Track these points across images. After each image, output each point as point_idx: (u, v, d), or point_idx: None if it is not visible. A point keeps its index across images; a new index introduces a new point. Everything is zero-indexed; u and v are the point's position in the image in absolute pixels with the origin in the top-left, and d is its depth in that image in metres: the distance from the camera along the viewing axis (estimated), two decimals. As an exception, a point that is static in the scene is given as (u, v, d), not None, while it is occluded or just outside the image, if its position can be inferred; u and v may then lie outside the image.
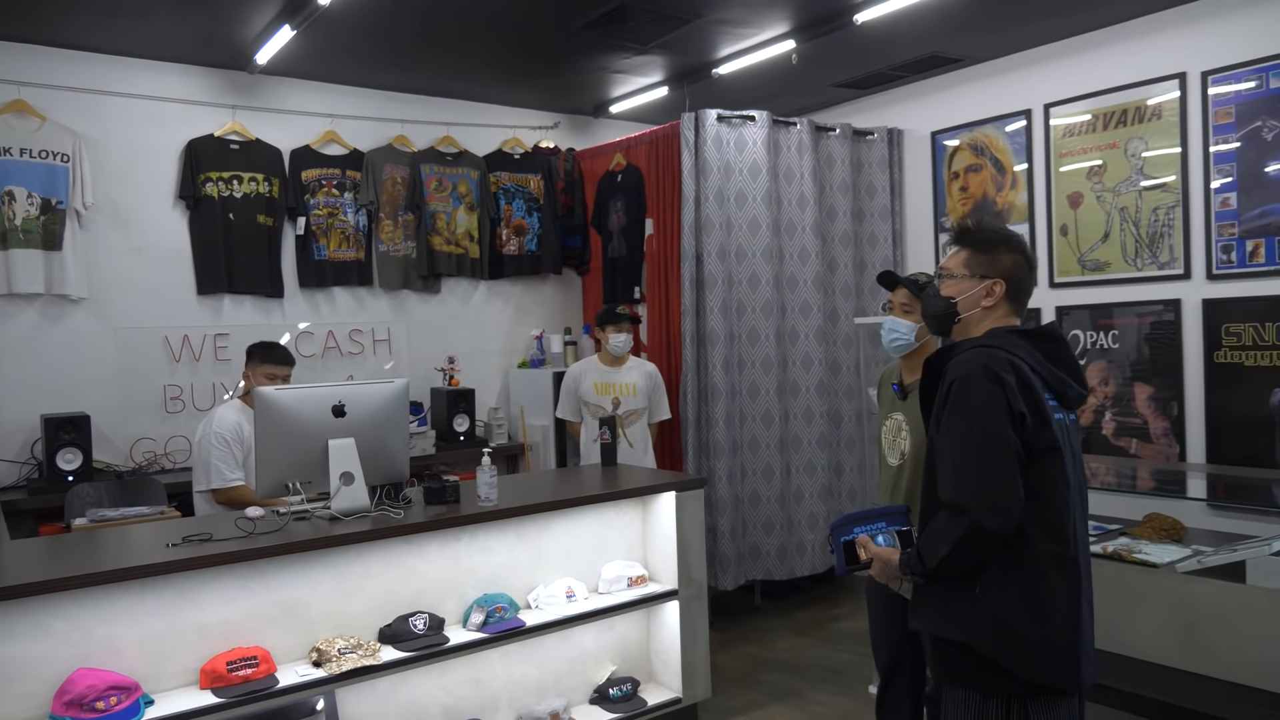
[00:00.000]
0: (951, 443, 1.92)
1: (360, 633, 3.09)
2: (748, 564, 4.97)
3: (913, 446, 2.91)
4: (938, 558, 1.91)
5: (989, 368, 1.90)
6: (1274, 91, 4.08)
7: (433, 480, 3.39)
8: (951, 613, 1.95)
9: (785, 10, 4.25)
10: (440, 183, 5.47)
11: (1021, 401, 1.89)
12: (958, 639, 1.94)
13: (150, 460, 4.56)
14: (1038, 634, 1.89)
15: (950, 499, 1.90)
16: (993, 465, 1.86)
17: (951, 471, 1.91)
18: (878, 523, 2.20)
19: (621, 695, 3.62)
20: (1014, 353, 1.95)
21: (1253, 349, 4.13)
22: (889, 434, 3.04)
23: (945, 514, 1.91)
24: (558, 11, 4.17)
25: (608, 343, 4.57)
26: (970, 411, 1.89)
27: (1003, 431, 1.86)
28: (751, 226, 4.96)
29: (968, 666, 1.95)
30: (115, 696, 2.59)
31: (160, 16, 4.09)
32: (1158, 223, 4.49)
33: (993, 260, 2.08)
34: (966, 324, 2.11)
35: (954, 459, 1.91)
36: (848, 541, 2.23)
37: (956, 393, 1.93)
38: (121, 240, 4.58)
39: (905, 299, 2.96)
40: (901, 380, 3.02)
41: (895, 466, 2.99)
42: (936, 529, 1.93)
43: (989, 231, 2.15)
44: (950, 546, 1.88)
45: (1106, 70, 4.65)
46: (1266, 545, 3.06)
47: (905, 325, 2.93)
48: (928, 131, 5.55)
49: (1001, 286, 2.07)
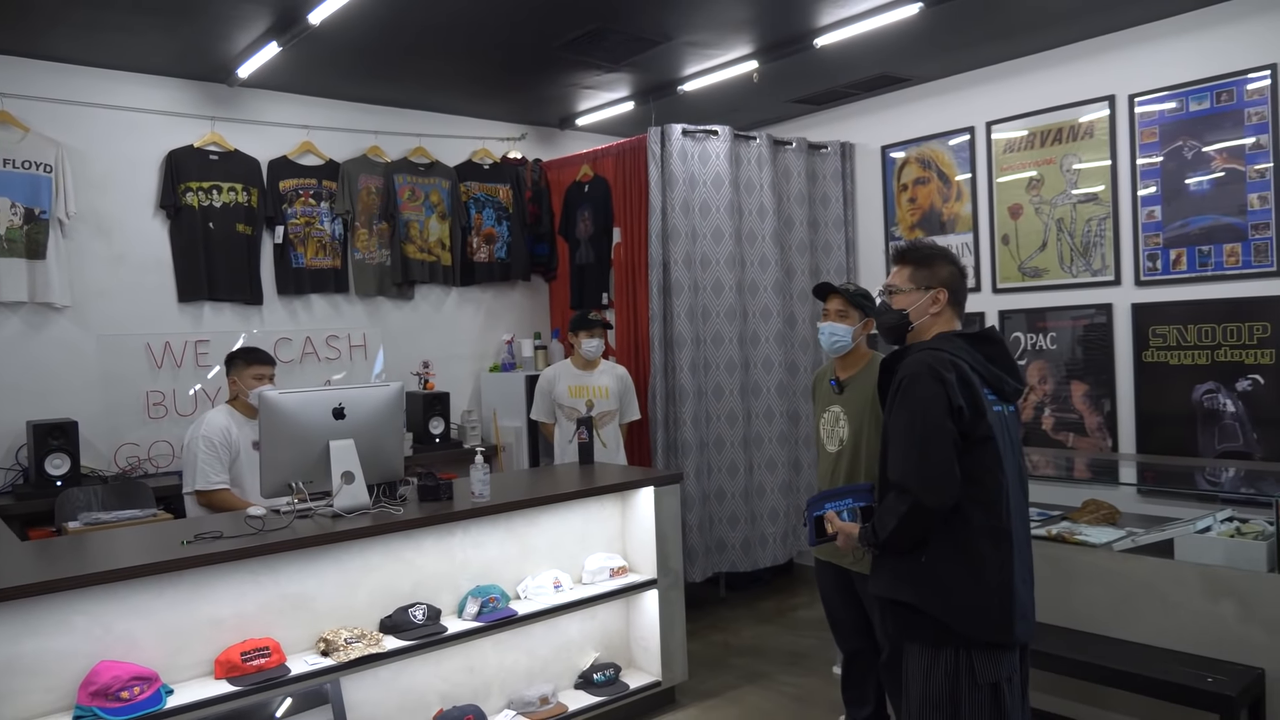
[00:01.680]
0: (897, 432, 2.25)
1: (363, 624, 3.25)
2: (714, 557, 5.22)
3: (850, 434, 3.22)
4: (888, 530, 2.25)
5: (932, 367, 2.21)
6: (1193, 114, 4.46)
7: (428, 479, 3.56)
8: (901, 577, 2.29)
9: (751, 34, 4.51)
10: (413, 192, 5.62)
11: (960, 396, 2.19)
12: (907, 600, 2.27)
13: (134, 465, 4.63)
14: (973, 595, 2.21)
15: (897, 480, 2.23)
16: (932, 451, 2.17)
17: (898, 457, 2.24)
18: (845, 499, 2.50)
19: (605, 680, 3.83)
20: (956, 355, 2.25)
21: (1177, 349, 4.51)
22: (828, 424, 3.33)
23: (893, 493, 2.25)
24: (537, 32, 4.37)
25: (581, 347, 4.77)
26: (914, 405, 2.21)
27: (942, 422, 2.17)
28: (715, 235, 5.22)
29: (919, 624, 2.27)
30: (138, 687, 2.72)
31: (144, 31, 4.18)
32: (1090, 233, 4.85)
33: (933, 272, 2.41)
34: (919, 331, 2.41)
35: (900, 446, 2.24)
36: (818, 516, 2.53)
37: (904, 389, 2.24)
38: (104, 249, 4.65)
39: (840, 305, 3.25)
40: (838, 376, 3.32)
41: (834, 453, 3.28)
42: (886, 506, 2.27)
43: (925, 248, 2.47)
44: (897, 521, 2.22)
45: (1043, 91, 5.01)
46: (1192, 525, 3.40)
47: (843, 329, 3.22)
48: (878, 146, 5.87)
49: (945, 294, 2.38)
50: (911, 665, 2.31)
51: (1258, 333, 4.24)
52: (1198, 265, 4.46)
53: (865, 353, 3.32)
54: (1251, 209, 4.28)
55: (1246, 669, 2.95)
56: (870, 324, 3.25)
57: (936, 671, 2.24)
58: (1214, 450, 4.38)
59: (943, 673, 2.23)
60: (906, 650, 2.34)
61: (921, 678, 2.27)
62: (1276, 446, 4.19)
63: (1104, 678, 3.09)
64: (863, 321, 3.24)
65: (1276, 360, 4.19)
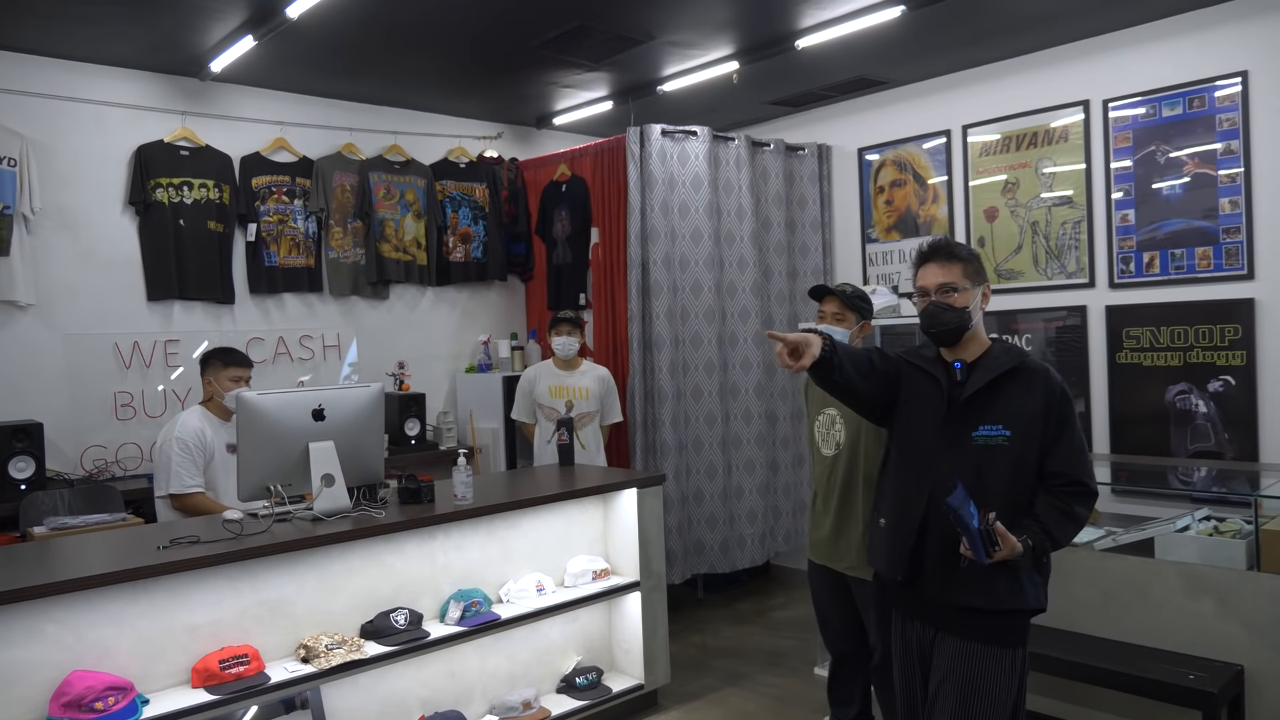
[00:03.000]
0: (1079, 436, 2.31)
1: (343, 629, 3.19)
2: (693, 558, 5.20)
3: (848, 439, 3.16)
4: (1070, 537, 2.29)
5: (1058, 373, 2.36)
6: (1165, 119, 4.53)
7: (409, 481, 3.51)
8: (1038, 585, 2.32)
9: (733, 34, 4.51)
10: (388, 190, 5.55)
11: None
12: (1033, 606, 2.30)
13: (102, 468, 4.52)
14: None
15: (1093, 487, 2.28)
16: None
17: (1086, 460, 2.30)
18: (970, 504, 2.14)
19: (587, 684, 3.80)
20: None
21: (1150, 350, 4.58)
22: (823, 428, 3.27)
23: (1075, 498, 2.26)
24: (518, 29, 4.33)
25: (553, 346, 4.77)
26: (1073, 412, 2.32)
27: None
28: (694, 236, 5.20)
29: (1014, 627, 2.30)
30: (113, 697, 2.65)
31: (114, 22, 4.08)
32: (1065, 236, 4.91)
33: (979, 269, 2.39)
34: (974, 330, 2.38)
35: (1078, 450, 2.29)
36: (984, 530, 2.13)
37: (1065, 400, 2.30)
38: (70, 246, 4.53)
39: (836, 308, 3.19)
40: None
41: (830, 457, 3.23)
42: (1068, 513, 2.25)
43: (964, 247, 2.43)
44: (1079, 527, 2.28)
45: (1018, 95, 5.06)
46: (1171, 524, 3.45)
47: (840, 332, 3.15)
48: (855, 148, 5.90)
49: (989, 289, 2.42)
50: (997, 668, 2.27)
51: (1229, 335, 4.31)
52: (1170, 268, 4.53)
53: None
54: (1223, 213, 4.35)
55: (1226, 666, 3.00)
56: (867, 327, 3.22)
57: (1018, 664, 2.29)
58: (1186, 450, 4.44)
59: (1020, 663, 2.29)
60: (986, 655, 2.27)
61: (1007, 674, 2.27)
62: (1247, 446, 4.26)
63: (1087, 676, 3.12)
64: (860, 324, 3.20)
65: (1247, 362, 4.26)
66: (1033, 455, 2.27)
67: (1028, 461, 2.27)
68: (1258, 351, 4.25)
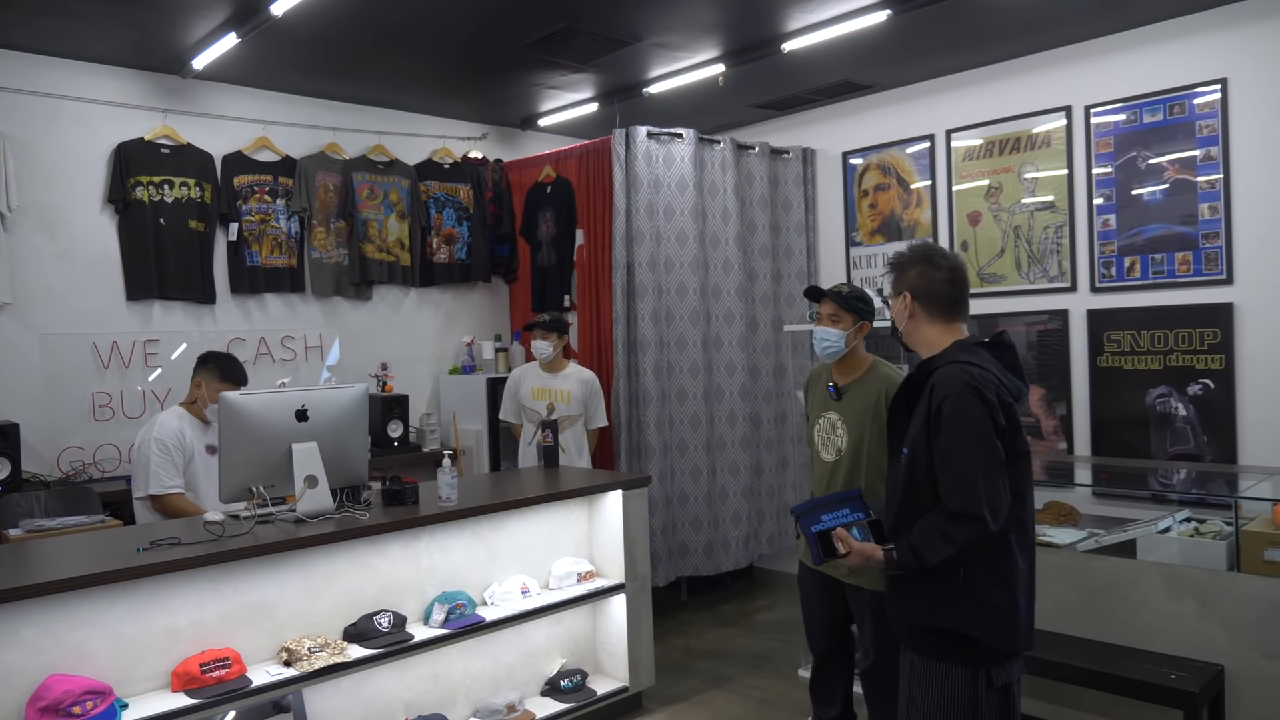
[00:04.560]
0: (953, 457, 2.11)
1: (326, 632, 3.17)
2: (677, 561, 5.20)
3: (850, 443, 3.13)
4: (941, 556, 2.11)
5: (974, 386, 2.11)
6: (1146, 125, 4.58)
7: (393, 482, 3.49)
8: (940, 603, 2.17)
9: (719, 37, 4.52)
10: (372, 191, 5.51)
11: (1002, 415, 2.12)
12: (948, 627, 2.16)
13: (79, 469, 4.45)
14: (1010, 610, 2.16)
15: (960, 509, 2.08)
16: (992, 476, 2.08)
17: (958, 483, 2.09)
18: (840, 510, 2.36)
19: (572, 686, 3.79)
20: (986, 367, 2.18)
21: (1131, 354, 4.62)
22: (823, 431, 3.24)
23: (947, 519, 2.10)
24: (506, 29, 4.31)
25: (534, 349, 4.76)
26: (968, 428, 2.09)
27: (994, 445, 2.10)
28: (679, 238, 5.20)
29: (947, 646, 2.18)
30: (91, 701, 2.61)
31: (94, 18, 4.03)
32: (1047, 240, 4.95)
33: (901, 277, 2.35)
34: (909, 337, 2.35)
35: (958, 471, 2.09)
36: (822, 532, 2.35)
37: (951, 411, 2.11)
38: (47, 244, 4.47)
39: (832, 309, 3.15)
40: (835, 382, 3.22)
41: (831, 461, 3.20)
42: (937, 532, 2.11)
43: (903, 253, 2.38)
44: (956, 548, 2.09)
45: (1001, 101, 5.10)
46: (1153, 525, 3.47)
47: (834, 333, 3.13)
48: (839, 152, 5.92)
49: (909, 298, 2.31)
50: (927, 679, 2.23)
51: (1208, 339, 4.36)
52: (1151, 273, 4.57)
53: (864, 358, 3.22)
54: (1202, 218, 4.40)
55: (1207, 665, 3.03)
56: (866, 328, 3.19)
57: (956, 683, 2.18)
58: (1166, 453, 4.48)
59: (963, 683, 2.18)
60: (917, 668, 2.25)
61: (940, 689, 2.20)
62: (1226, 449, 4.31)
63: (1069, 676, 3.14)
64: (857, 325, 3.15)
65: (1226, 365, 4.31)
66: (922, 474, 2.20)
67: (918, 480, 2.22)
68: (1236, 355, 4.29)
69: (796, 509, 2.41)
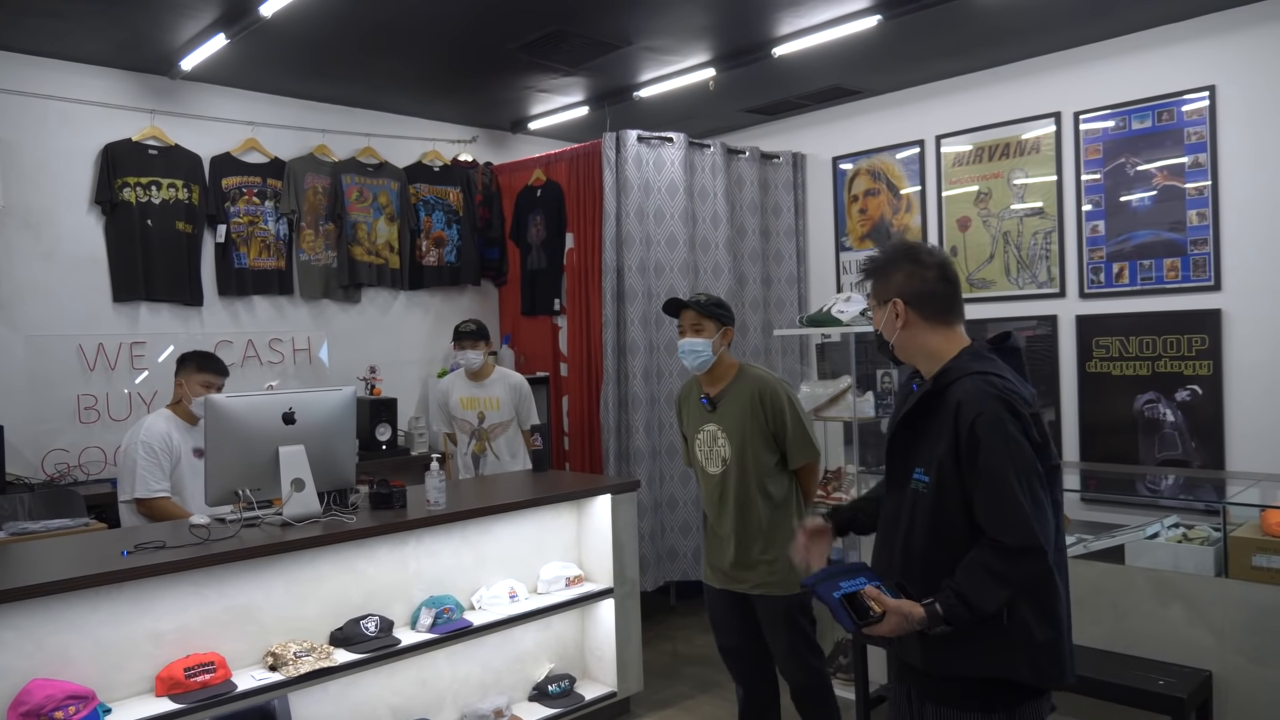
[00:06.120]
0: (999, 484, 1.84)
1: (312, 636, 3.14)
2: (666, 565, 5.18)
3: (734, 452, 3.08)
4: (998, 602, 1.83)
5: (1006, 400, 1.87)
6: (1134, 132, 4.60)
7: (381, 486, 3.47)
8: (987, 650, 1.89)
9: (710, 41, 4.52)
10: (361, 193, 5.49)
11: (1034, 429, 1.89)
12: (1001, 676, 1.90)
13: (64, 472, 4.42)
14: (1058, 643, 1.91)
15: (1018, 543, 1.81)
16: (1039, 501, 1.83)
17: (1010, 514, 1.82)
18: (856, 578, 2.00)
19: (560, 691, 3.77)
20: (1007, 377, 1.93)
21: (1119, 360, 4.63)
22: (705, 444, 3.18)
23: (1001, 557, 1.83)
24: (496, 32, 4.31)
25: (462, 359, 4.59)
26: (1010, 450, 1.84)
27: (1036, 465, 1.86)
28: (669, 242, 5.20)
29: (985, 693, 1.93)
30: (73, 706, 2.58)
31: (81, 17, 4.01)
32: (1036, 246, 4.97)
33: (885, 283, 2.08)
34: (905, 348, 2.08)
35: (1008, 500, 1.82)
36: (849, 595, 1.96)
37: (987, 431, 1.85)
38: (33, 245, 4.44)
39: (694, 319, 3.11)
40: (707, 394, 3.18)
41: (718, 474, 3.14)
42: (988, 574, 1.84)
43: (881, 255, 2.13)
44: (1013, 588, 1.84)
45: (991, 107, 5.12)
46: (1141, 531, 3.48)
47: (700, 343, 3.09)
48: (829, 157, 5.93)
49: (900, 304, 2.03)
50: None
51: (1196, 345, 4.38)
52: (1139, 279, 4.59)
53: (731, 363, 3.18)
54: (1191, 225, 4.42)
55: (1195, 671, 3.02)
56: (729, 333, 3.15)
57: None
58: (1154, 458, 4.50)
59: None
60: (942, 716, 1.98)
61: None
62: (1214, 455, 4.32)
63: (1058, 682, 3.13)
64: (720, 331, 3.12)
65: (1214, 371, 4.32)
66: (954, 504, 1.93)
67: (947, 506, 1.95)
68: (1224, 361, 4.31)
69: (808, 581, 2.03)
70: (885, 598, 1.91)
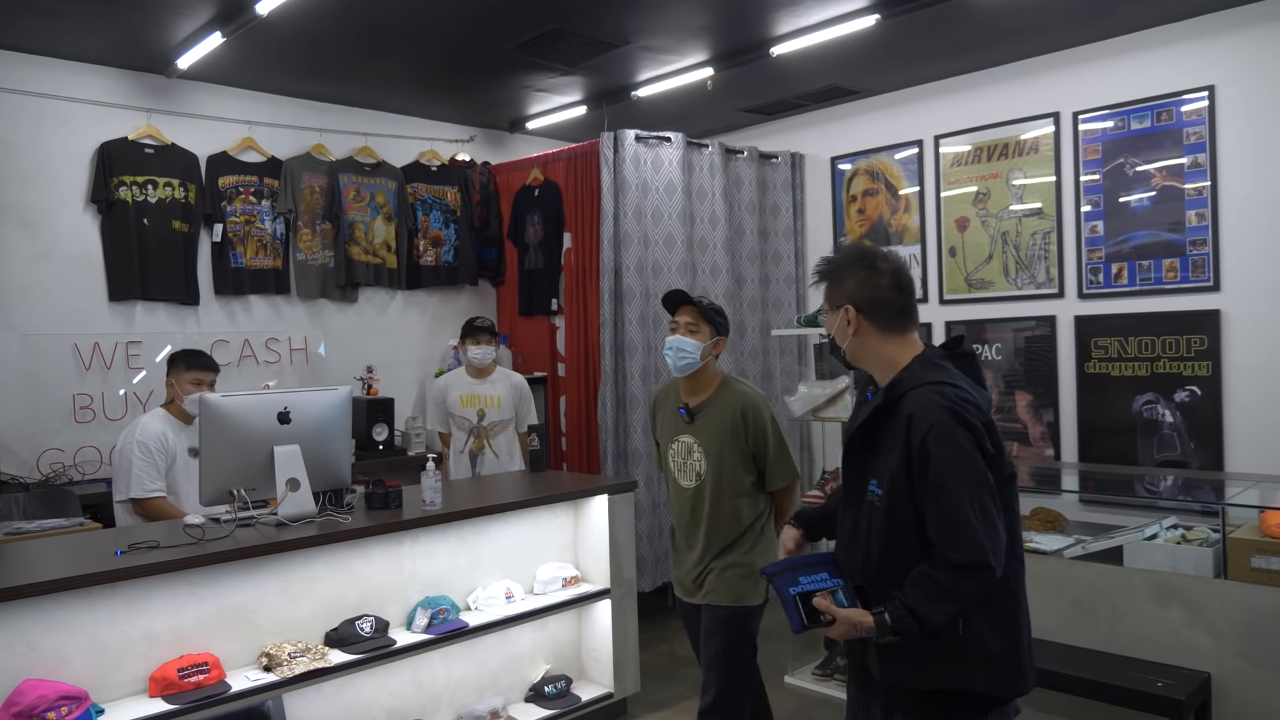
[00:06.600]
0: (948, 500, 1.82)
1: (307, 637, 3.12)
2: (663, 566, 5.17)
3: (710, 468, 2.96)
4: (945, 615, 1.83)
5: (957, 413, 1.84)
6: (1134, 132, 4.59)
7: (376, 486, 3.45)
8: (941, 662, 1.88)
9: (708, 41, 4.51)
10: (358, 192, 5.48)
11: (987, 439, 1.87)
12: (956, 687, 1.89)
13: (59, 471, 4.40)
14: (1015, 653, 1.91)
15: (965, 560, 1.79)
16: (990, 516, 1.82)
17: (959, 531, 1.80)
18: (819, 573, 1.99)
19: (556, 692, 3.75)
20: (959, 385, 1.91)
21: (1118, 360, 4.62)
22: (679, 456, 3.05)
23: (950, 572, 1.81)
24: (494, 31, 4.29)
25: (467, 354, 4.61)
26: (960, 465, 1.82)
27: (988, 479, 1.84)
28: (667, 242, 5.19)
29: (944, 705, 1.91)
30: (66, 706, 2.57)
31: (78, 16, 3.99)
32: (1035, 246, 4.95)
33: (839, 288, 2.04)
34: (855, 354, 2.05)
35: (957, 516, 1.81)
36: (802, 594, 1.97)
37: (937, 444, 1.83)
38: (29, 244, 4.42)
39: (691, 318, 2.97)
40: (686, 403, 3.04)
41: (691, 489, 3.02)
42: (937, 587, 1.82)
43: (835, 260, 2.09)
44: (961, 603, 1.83)
45: (990, 107, 5.11)
46: (1140, 532, 3.47)
47: (692, 344, 2.94)
48: (827, 157, 5.92)
49: (853, 310, 2.00)
50: None
51: (1195, 345, 4.36)
52: (1138, 279, 4.58)
53: (714, 375, 3.04)
54: (1190, 225, 4.41)
55: (1194, 673, 3.02)
56: (722, 343, 3.02)
57: None
58: (1153, 459, 4.49)
59: None
60: None
61: None
62: (1212, 456, 4.31)
63: (1056, 683, 3.12)
64: (714, 339, 2.98)
65: (1213, 372, 4.31)
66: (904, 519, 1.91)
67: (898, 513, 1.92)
68: (1223, 362, 4.30)
69: (769, 569, 2.03)
70: (834, 608, 1.92)
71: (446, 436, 4.77)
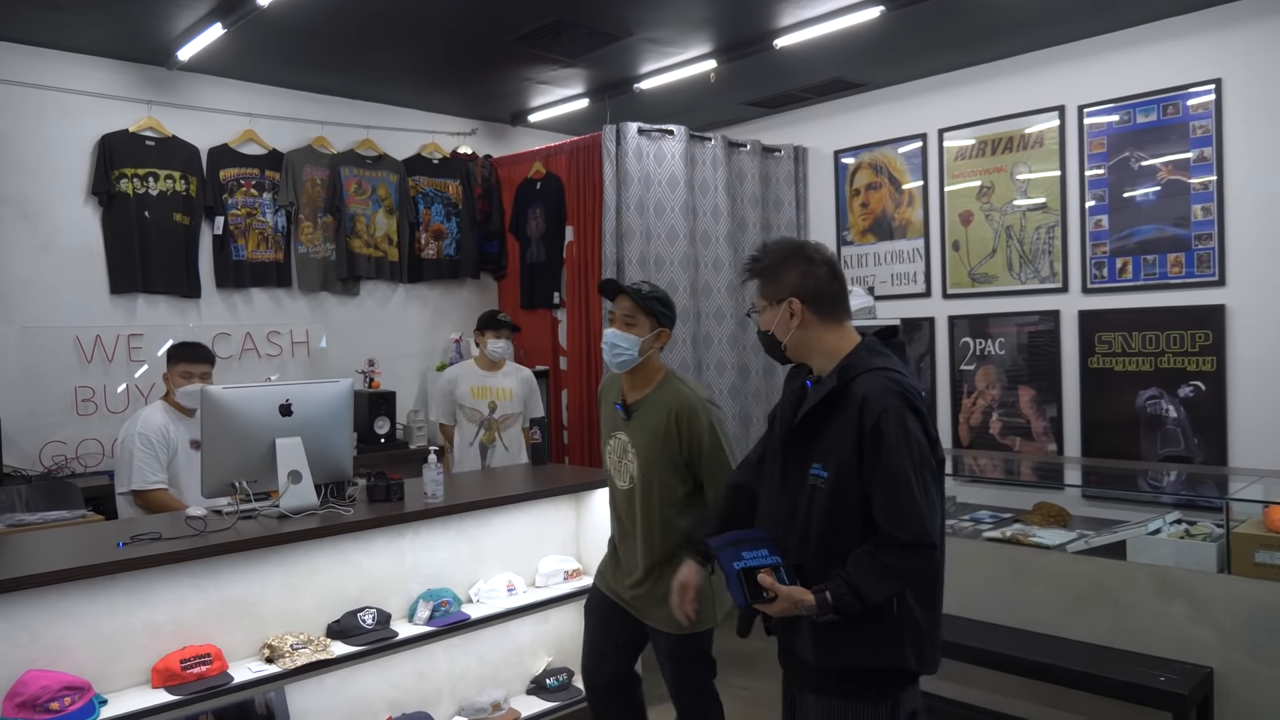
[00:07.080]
0: (899, 482, 1.87)
1: (309, 629, 3.12)
2: (665, 560, 5.16)
3: (640, 470, 2.75)
4: (886, 593, 1.87)
5: (907, 398, 1.90)
6: (1139, 126, 4.57)
7: (378, 479, 3.45)
8: (876, 640, 1.93)
9: (711, 32, 4.49)
10: (360, 185, 5.47)
11: (932, 425, 1.94)
12: (884, 664, 1.93)
13: (61, 464, 4.40)
14: (937, 630, 1.98)
15: (913, 539, 1.85)
16: (933, 497, 1.88)
17: (908, 511, 1.85)
18: (759, 549, 2.00)
19: (557, 685, 3.75)
20: (903, 372, 1.97)
21: (1122, 355, 4.61)
22: (614, 454, 2.86)
23: (894, 551, 1.86)
24: (495, 23, 4.28)
25: (486, 347, 4.59)
26: (911, 449, 1.87)
27: (932, 464, 1.90)
28: (670, 236, 5.18)
29: (871, 682, 1.95)
30: (69, 697, 2.56)
31: (78, 8, 3.99)
32: (1039, 241, 4.94)
33: (778, 283, 2.05)
34: (797, 347, 2.06)
35: (905, 497, 1.86)
36: (746, 570, 1.97)
37: (890, 430, 1.87)
38: (29, 237, 4.42)
39: (628, 309, 2.73)
40: (625, 399, 2.82)
41: (625, 490, 2.83)
42: (880, 566, 1.86)
43: (770, 255, 2.12)
44: (903, 582, 1.88)
45: (994, 100, 5.09)
46: (1143, 527, 3.46)
47: (628, 339, 2.71)
48: (831, 150, 5.90)
49: (797, 303, 2.01)
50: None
51: (1199, 340, 4.35)
52: (1143, 274, 4.56)
53: (657, 369, 2.81)
54: (1195, 220, 4.39)
55: (1196, 668, 3.01)
56: (665, 336, 2.79)
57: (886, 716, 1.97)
58: (1156, 455, 4.48)
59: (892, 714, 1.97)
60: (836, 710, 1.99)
61: None
62: (1216, 451, 4.30)
63: (1058, 678, 3.12)
64: (655, 332, 2.74)
65: (1217, 368, 4.30)
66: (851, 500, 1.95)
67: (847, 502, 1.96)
68: (1228, 357, 4.29)
69: (714, 542, 2.04)
70: (778, 585, 1.93)
71: (449, 429, 4.75)
